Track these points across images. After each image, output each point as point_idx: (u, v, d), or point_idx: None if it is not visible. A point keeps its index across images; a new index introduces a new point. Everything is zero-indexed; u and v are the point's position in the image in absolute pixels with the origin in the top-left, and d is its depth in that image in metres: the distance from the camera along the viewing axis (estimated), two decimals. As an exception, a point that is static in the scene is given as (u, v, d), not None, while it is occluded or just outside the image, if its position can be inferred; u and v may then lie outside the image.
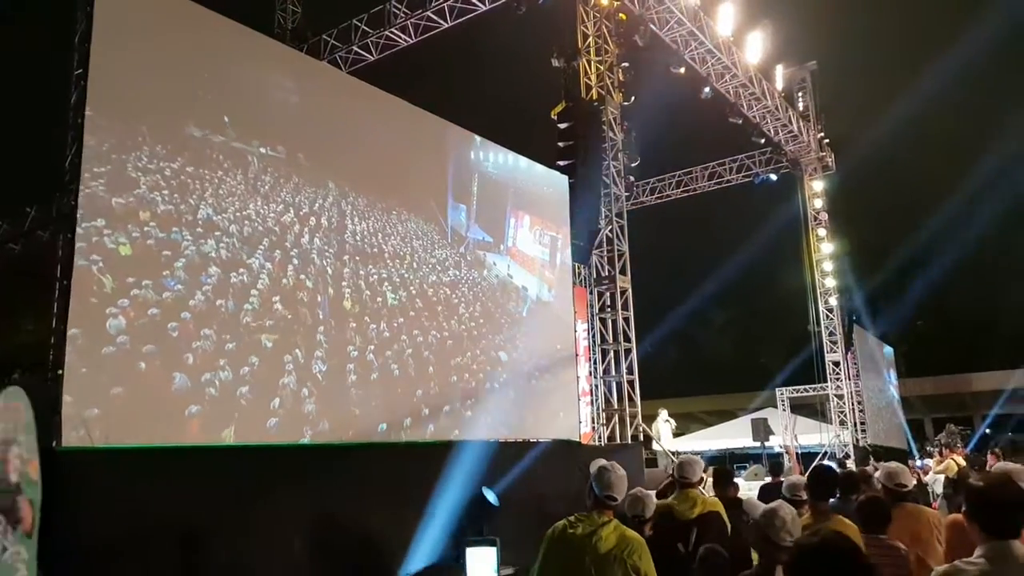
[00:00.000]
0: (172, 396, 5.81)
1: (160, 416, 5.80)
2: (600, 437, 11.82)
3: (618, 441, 11.32)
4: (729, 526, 4.51)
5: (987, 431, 29.11)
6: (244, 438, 6.19)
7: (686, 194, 22.81)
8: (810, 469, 4.87)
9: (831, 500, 4.36)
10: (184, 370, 5.88)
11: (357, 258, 7.57)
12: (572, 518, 3.49)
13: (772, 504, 3.07)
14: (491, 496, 6.38)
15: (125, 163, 5.78)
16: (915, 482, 12.81)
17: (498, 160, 9.78)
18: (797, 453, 21.82)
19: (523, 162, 10.17)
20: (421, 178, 8.64)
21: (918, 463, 13.98)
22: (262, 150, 6.84)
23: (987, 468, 9.58)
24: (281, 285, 6.76)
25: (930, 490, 10.30)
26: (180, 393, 5.84)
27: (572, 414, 10.45)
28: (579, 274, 12.94)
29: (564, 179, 10.86)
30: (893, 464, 4.47)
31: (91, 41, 5.77)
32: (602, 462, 3.59)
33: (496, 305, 9.17)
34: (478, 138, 9.50)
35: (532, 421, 9.46)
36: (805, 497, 4.41)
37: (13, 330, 16.30)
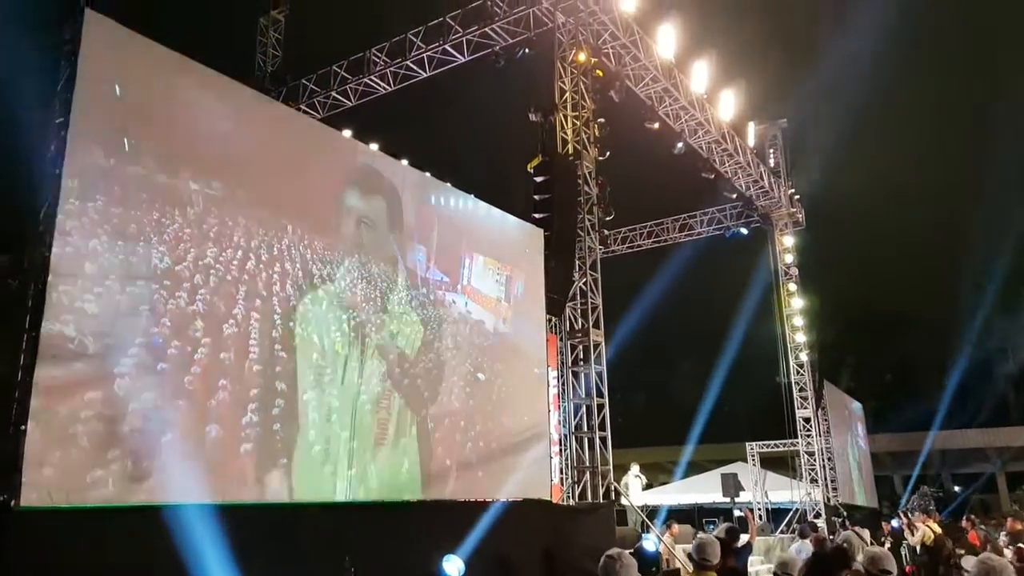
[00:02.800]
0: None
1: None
2: (571, 495, 11.55)
3: (589, 499, 11.06)
4: None
5: (956, 489, 29.24)
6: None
7: (657, 244, 22.95)
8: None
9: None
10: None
11: (335, 303, 7.70)
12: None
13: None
14: (453, 568, 6.12)
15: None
16: (889, 544, 12.71)
17: (458, 204, 9.97)
18: (767, 509, 21.68)
19: (482, 206, 10.36)
20: (379, 221, 8.62)
21: (893, 524, 13.85)
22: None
23: (964, 533, 9.52)
24: (273, 336, 6.89)
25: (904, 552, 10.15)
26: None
27: (544, 467, 10.34)
28: (550, 322, 12.85)
29: (518, 222, 11.05)
30: (877, 549, 4.34)
31: (73, 90, 5.61)
32: (611, 552, 3.44)
33: (463, 338, 9.56)
34: (436, 181, 9.70)
35: (506, 470, 9.56)
36: None
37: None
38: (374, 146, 9.41)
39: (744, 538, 8.56)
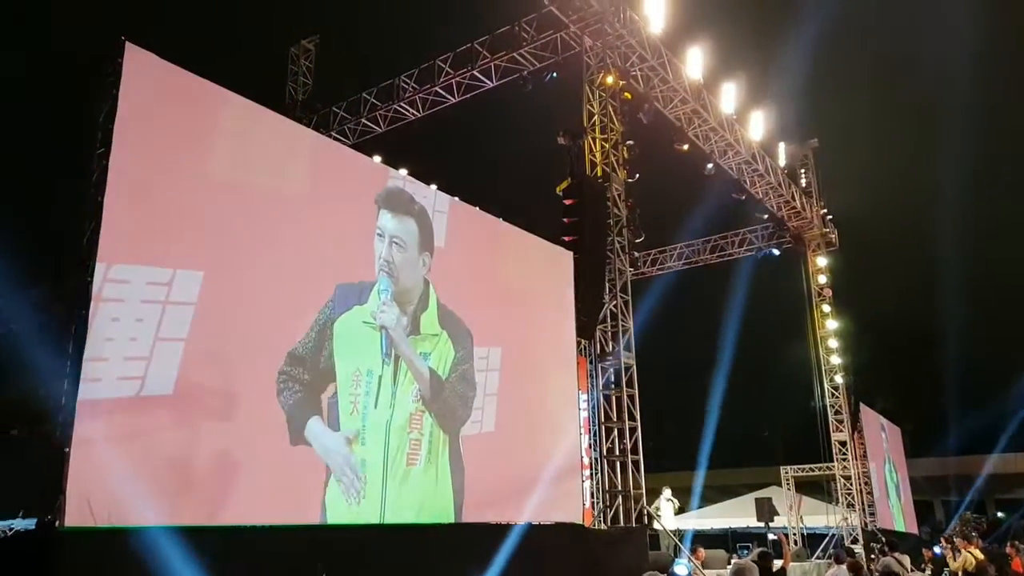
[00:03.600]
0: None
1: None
2: (604, 519, 11.41)
3: (622, 523, 10.92)
4: None
5: (999, 515, 28.31)
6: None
7: (688, 266, 22.76)
8: None
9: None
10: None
11: (368, 323, 7.84)
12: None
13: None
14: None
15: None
16: (930, 571, 12.36)
17: (487, 227, 10.09)
18: (802, 534, 21.20)
19: (511, 229, 10.43)
20: (410, 242, 8.71)
21: (935, 551, 13.45)
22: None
23: (1008, 560, 9.20)
24: (307, 356, 7.11)
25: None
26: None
27: (576, 491, 10.26)
28: (580, 344, 12.79)
29: (548, 245, 11.04)
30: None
31: (115, 121, 5.78)
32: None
33: (494, 359, 9.58)
34: (464, 204, 9.78)
35: (538, 493, 9.55)
36: None
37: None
38: (403, 171, 9.52)
39: (778, 563, 8.39)
